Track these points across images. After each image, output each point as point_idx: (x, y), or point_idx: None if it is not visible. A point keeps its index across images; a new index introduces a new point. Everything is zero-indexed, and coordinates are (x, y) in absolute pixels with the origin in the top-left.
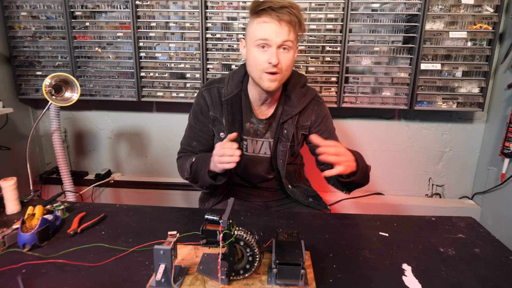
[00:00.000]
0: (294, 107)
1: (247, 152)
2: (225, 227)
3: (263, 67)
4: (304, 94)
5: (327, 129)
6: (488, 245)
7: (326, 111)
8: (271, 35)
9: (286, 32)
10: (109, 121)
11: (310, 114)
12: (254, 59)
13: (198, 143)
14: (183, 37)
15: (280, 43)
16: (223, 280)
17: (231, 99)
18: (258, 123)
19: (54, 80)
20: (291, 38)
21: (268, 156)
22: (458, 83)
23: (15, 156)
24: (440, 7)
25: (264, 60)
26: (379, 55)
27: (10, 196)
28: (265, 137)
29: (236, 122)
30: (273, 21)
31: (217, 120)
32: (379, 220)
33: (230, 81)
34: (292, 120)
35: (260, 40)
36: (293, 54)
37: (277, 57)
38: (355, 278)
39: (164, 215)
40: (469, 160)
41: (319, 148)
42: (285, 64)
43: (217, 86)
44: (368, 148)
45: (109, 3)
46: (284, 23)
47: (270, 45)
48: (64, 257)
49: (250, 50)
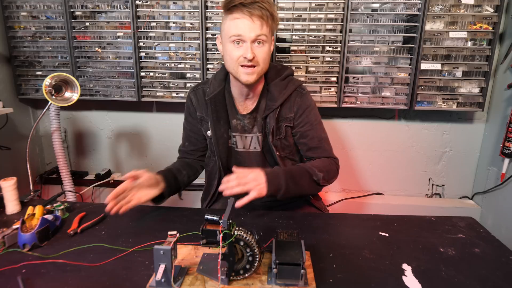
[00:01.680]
0: (274, 101)
1: (238, 148)
2: (225, 227)
3: (239, 61)
4: (285, 86)
5: (309, 121)
6: (488, 245)
7: (309, 102)
8: (244, 30)
9: (258, 26)
10: (109, 121)
11: (292, 106)
12: (230, 54)
13: (190, 143)
14: (183, 37)
15: (253, 37)
16: (223, 280)
17: (214, 97)
18: (243, 118)
19: (54, 80)
20: (264, 32)
21: (259, 151)
22: (458, 83)
23: (15, 156)
24: (440, 7)
25: (240, 55)
26: (379, 55)
27: (10, 196)
28: (253, 132)
29: (221, 119)
30: (245, 16)
31: (204, 120)
32: (379, 220)
33: (213, 81)
34: (273, 114)
35: (234, 36)
36: (268, 47)
37: (252, 51)
38: (355, 278)
39: (164, 215)
40: (469, 160)
41: (220, 186)
42: (261, 57)
43: (202, 87)
44: (368, 148)
45: (109, 3)
46: (256, 17)
47: (244, 40)
48: (64, 257)
49: (226, 46)
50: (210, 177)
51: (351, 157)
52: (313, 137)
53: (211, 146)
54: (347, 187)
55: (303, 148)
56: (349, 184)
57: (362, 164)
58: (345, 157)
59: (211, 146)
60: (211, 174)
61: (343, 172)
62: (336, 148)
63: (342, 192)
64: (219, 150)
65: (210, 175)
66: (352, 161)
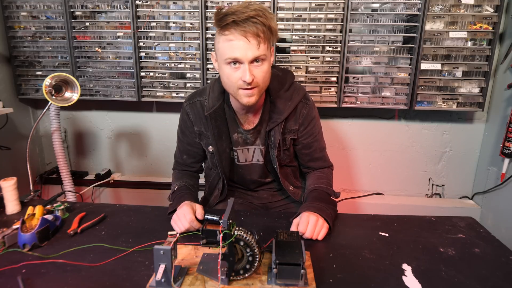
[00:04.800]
0: (280, 114)
1: (239, 162)
2: (225, 227)
3: (238, 84)
4: (290, 97)
5: (313, 132)
6: (488, 245)
7: (314, 113)
8: (240, 53)
9: (255, 46)
10: (109, 121)
11: (297, 118)
12: (227, 77)
13: (188, 156)
14: (183, 37)
15: (251, 58)
16: (223, 280)
17: (214, 112)
18: (245, 133)
19: (54, 80)
20: (261, 51)
21: (261, 163)
22: (458, 83)
23: (15, 156)
24: (440, 7)
25: (238, 78)
26: (379, 55)
27: (10, 196)
28: (255, 144)
29: (223, 134)
30: (240, 38)
31: (203, 135)
32: (379, 220)
33: (211, 94)
34: (278, 127)
35: (229, 59)
36: (268, 64)
37: (251, 73)
38: (355, 278)
39: (164, 215)
40: (469, 160)
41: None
42: (260, 78)
43: (199, 100)
44: (368, 148)
45: (109, 3)
46: (251, 37)
47: (242, 62)
48: (64, 257)
49: (222, 67)
50: (211, 187)
51: (351, 157)
52: (316, 148)
53: (212, 160)
54: (347, 187)
55: (305, 158)
56: (349, 184)
57: (362, 164)
58: (345, 157)
59: (212, 160)
60: (212, 185)
61: (343, 172)
62: (336, 148)
63: (342, 192)
64: (222, 165)
65: (211, 186)
66: (352, 161)
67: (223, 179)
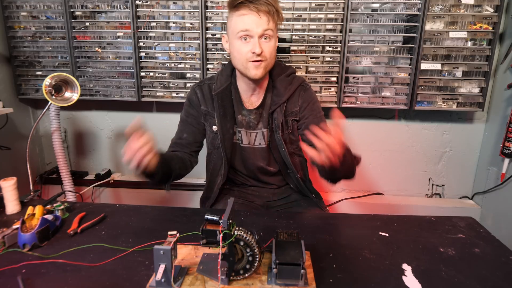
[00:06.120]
0: (281, 96)
1: (243, 144)
2: (225, 227)
3: (247, 56)
4: (290, 82)
5: (313, 112)
6: (488, 245)
7: (313, 96)
8: (251, 26)
9: (265, 22)
10: (109, 121)
11: (297, 100)
12: (238, 51)
13: (188, 135)
14: (183, 37)
15: (261, 32)
16: (223, 280)
17: (221, 92)
18: (248, 114)
19: (54, 80)
20: (271, 27)
21: (264, 146)
22: (458, 83)
23: (15, 156)
24: (440, 7)
25: (248, 50)
26: (379, 55)
27: (10, 196)
28: (257, 128)
29: (228, 114)
30: (252, 12)
31: (209, 114)
32: (379, 220)
33: (220, 76)
34: (280, 109)
35: (241, 32)
36: (274, 42)
37: (260, 46)
38: (355, 278)
39: (164, 215)
40: (469, 160)
41: (313, 132)
42: (268, 52)
43: (208, 82)
44: (368, 148)
45: (109, 3)
46: (262, 13)
47: (252, 36)
48: (64, 257)
49: (233, 43)
50: (213, 174)
51: None
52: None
53: (214, 142)
54: (347, 187)
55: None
56: (349, 184)
57: (362, 164)
58: None
59: (214, 142)
60: (214, 171)
61: None
62: None
63: (342, 192)
64: (224, 145)
65: (213, 172)
66: None
67: (225, 161)
